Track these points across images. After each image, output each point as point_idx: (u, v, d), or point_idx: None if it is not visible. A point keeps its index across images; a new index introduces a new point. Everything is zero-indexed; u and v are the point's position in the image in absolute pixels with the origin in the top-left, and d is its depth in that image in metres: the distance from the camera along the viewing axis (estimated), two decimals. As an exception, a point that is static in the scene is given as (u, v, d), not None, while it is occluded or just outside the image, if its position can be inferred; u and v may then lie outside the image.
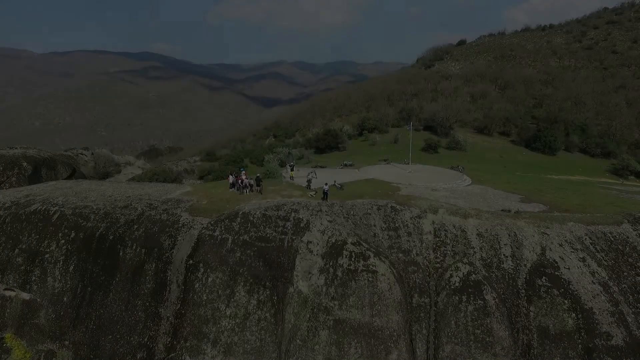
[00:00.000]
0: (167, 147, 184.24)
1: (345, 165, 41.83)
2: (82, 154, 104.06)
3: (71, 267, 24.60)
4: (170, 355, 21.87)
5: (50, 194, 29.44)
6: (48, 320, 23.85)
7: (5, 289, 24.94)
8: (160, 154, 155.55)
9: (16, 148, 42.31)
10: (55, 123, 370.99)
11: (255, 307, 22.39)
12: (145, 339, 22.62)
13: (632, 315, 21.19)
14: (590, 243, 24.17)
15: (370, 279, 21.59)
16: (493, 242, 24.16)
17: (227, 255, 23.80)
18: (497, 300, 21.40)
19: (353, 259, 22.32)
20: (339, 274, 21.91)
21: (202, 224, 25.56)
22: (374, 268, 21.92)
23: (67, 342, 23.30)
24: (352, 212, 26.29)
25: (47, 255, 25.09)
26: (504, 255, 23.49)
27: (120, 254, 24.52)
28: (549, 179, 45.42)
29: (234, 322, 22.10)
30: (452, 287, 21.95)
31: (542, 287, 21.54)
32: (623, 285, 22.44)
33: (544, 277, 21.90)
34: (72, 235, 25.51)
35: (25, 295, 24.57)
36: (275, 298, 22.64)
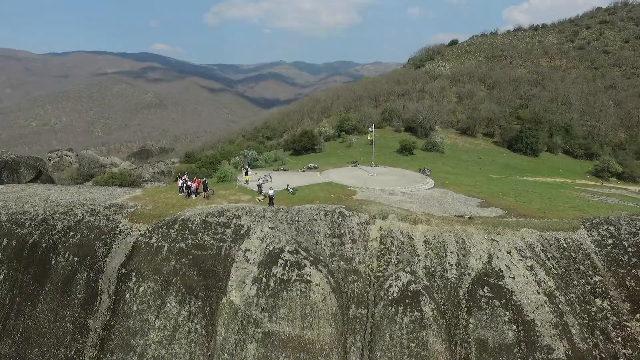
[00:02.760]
0: (158, 148, 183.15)
1: (309, 167, 40.83)
2: (66, 156, 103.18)
3: (0, 277, 23.68)
4: (95, 370, 20.97)
5: (-9, 200, 28.55)
6: (-26, 332, 22.91)
7: None
8: (151, 155, 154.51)
9: (-23, 151, 41.34)
10: (52, 124, 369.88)
11: (185, 319, 21.48)
12: (72, 352, 21.72)
13: (577, 327, 20.20)
14: (542, 250, 23.20)
15: (302, 290, 20.62)
16: (439, 250, 23.22)
17: (161, 264, 22.91)
18: (435, 311, 20.43)
19: (287, 268, 21.35)
20: (272, 284, 20.94)
21: (140, 231, 24.66)
22: (307, 278, 20.96)
23: (-8, 355, 22.39)
24: (297, 218, 25.36)
25: (-23, 264, 24.17)
26: (448, 263, 22.53)
27: (52, 262, 23.60)
28: (521, 182, 44.40)
29: (162, 334, 21.20)
30: (390, 297, 20.97)
31: (483, 298, 20.56)
32: (571, 295, 21.47)
33: (486, 287, 20.92)
34: (4, 242, 24.61)
35: (-47, 306, 23.62)
36: (208, 309, 21.73)
